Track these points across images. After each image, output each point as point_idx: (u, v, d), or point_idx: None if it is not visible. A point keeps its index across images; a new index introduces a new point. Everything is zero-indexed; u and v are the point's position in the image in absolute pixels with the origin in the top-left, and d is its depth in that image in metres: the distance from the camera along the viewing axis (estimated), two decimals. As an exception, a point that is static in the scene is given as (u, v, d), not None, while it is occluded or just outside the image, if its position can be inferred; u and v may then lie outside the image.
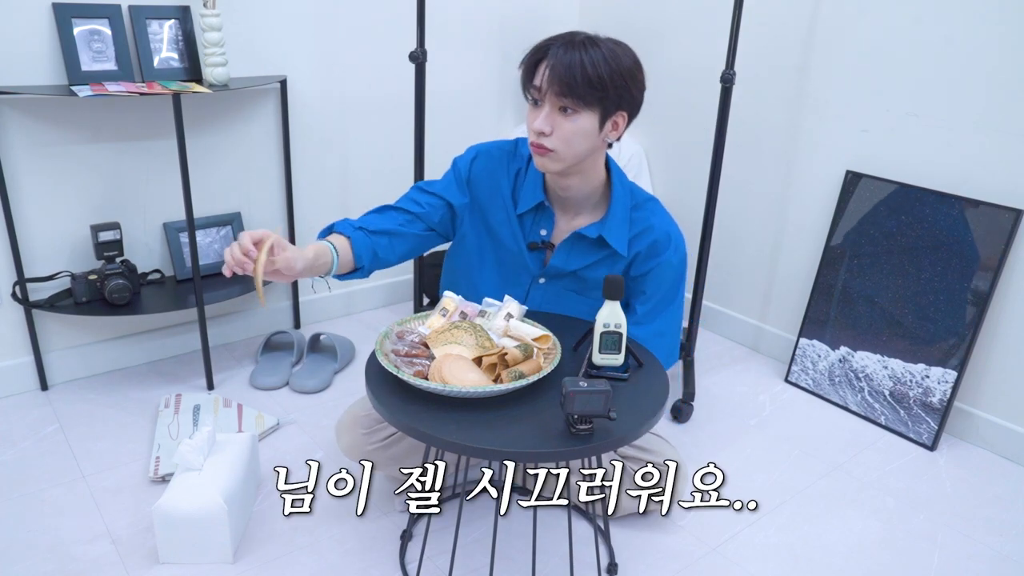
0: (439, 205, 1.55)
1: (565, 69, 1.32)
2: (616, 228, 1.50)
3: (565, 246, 1.52)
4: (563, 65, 1.32)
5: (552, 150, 1.38)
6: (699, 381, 2.25)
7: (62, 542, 1.54)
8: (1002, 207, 1.86)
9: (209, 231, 2.22)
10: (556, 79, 1.33)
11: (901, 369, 2.05)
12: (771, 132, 2.31)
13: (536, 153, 1.41)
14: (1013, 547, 1.64)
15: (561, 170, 1.43)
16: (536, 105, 1.39)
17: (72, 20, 1.86)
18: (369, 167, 2.51)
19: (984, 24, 1.84)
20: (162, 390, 2.10)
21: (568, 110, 1.35)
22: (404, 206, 1.53)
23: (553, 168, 1.42)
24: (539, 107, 1.38)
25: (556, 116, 1.36)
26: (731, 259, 2.51)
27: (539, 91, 1.36)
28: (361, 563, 1.52)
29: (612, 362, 1.31)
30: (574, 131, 1.36)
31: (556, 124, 1.36)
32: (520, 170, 1.55)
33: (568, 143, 1.37)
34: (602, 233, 1.49)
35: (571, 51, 1.33)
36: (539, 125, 1.36)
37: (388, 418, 1.20)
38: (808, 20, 2.16)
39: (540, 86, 1.36)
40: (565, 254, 1.53)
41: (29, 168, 1.93)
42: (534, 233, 1.54)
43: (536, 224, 1.54)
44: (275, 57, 2.22)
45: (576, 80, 1.32)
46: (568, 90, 1.33)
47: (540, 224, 1.54)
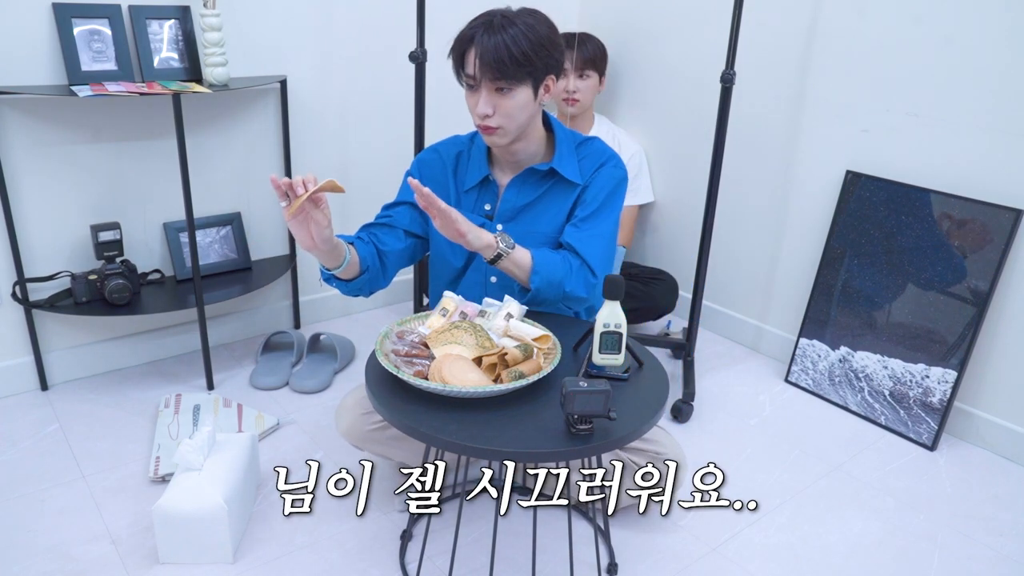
0: (403, 210, 1.61)
1: (493, 54, 1.41)
2: (566, 160, 1.58)
3: (516, 182, 1.58)
4: (490, 51, 1.41)
5: (498, 127, 1.48)
6: (699, 381, 2.25)
7: (62, 542, 1.54)
8: (1002, 207, 1.86)
9: (209, 231, 2.22)
10: (486, 65, 1.42)
11: (901, 369, 2.05)
12: (771, 132, 2.31)
13: (484, 133, 1.51)
14: (1013, 547, 1.64)
15: (510, 141, 1.52)
16: (473, 89, 1.48)
17: (72, 20, 1.86)
18: (369, 167, 2.51)
19: (984, 24, 1.84)
20: (162, 390, 2.10)
21: (504, 89, 1.45)
22: (374, 222, 1.61)
23: (502, 142, 1.52)
24: (476, 91, 1.47)
25: (494, 96, 1.45)
26: (731, 259, 2.51)
27: (473, 78, 1.46)
28: (361, 563, 1.52)
29: (612, 362, 1.31)
30: (514, 106, 1.46)
31: (496, 104, 1.46)
32: (461, 153, 1.64)
33: (511, 117, 1.47)
34: (552, 165, 1.56)
35: (493, 35, 1.42)
36: (482, 109, 1.46)
37: (388, 418, 1.20)
38: (808, 20, 2.16)
39: (474, 74, 1.45)
40: (516, 189, 1.58)
41: (29, 168, 1.93)
42: (479, 208, 1.60)
43: (480, 200, 1.61)
44: (275, 57, 2.22)
45: (505, 62, 1.41)
46: (500, 73, 1.42)
47: (484, 200, 1.61)
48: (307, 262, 2.47)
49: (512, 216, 1.59)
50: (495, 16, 1.46)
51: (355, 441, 1.59)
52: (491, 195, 1.60)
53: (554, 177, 1.57)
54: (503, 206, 1.59)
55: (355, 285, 1.50)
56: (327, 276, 1.48)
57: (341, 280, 1.48)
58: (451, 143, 1.67)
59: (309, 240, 1.32)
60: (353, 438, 1.59)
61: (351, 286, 1.50)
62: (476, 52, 1.43)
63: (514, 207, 1.58)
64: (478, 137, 1.61)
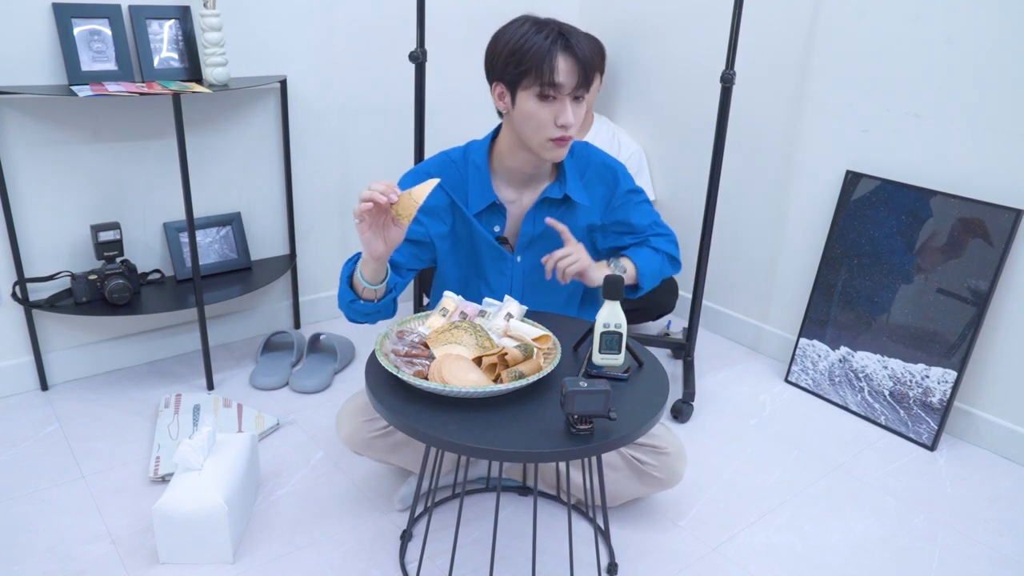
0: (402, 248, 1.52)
1: (587, 60, 1.38)
2: (572, 181, 1.56)
3: (531, 214, 1.56)
4: (585, 57, 1.38)
5: (573, 137, 1.45)
6: (699, 381, 2.25)
7: (62, 542, 1.54)
8: (1002, 207, 1.86)
9: (209, 231, 2.22)
10: (579, 73, 1.39)
11: (901, 369, 2.05)
12: (771, 132, 2.31)
13: (559, 145, 1.45)
14: (1013, 547, 1.64)
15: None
16: (550, 100, 1.41)
17: (72, 20, 1.86)
18: (369, 167, 2.51)
19: (984, 24, 1.84)
20: (162, 390, 2.10)
21: (580, 97, 1.43)
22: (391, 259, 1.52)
23: (565, 153, 1.49)
24: (555, 101, 1.41)
25: (574, 105, 1.43)
26: (731, 259, 2.51)
27: (561, 87, 1.39)
28: (361, 563, 1.52)
29: (612, 362, 1.31)
30: (583, 114, 1.44)
31: (575, 113, 1.43)
32: (460, 177, 1.56)
33: (580, 126, 1.45)
34: (566, 191, 1.54)
35: (576, 41, 1.38)
36: (571, 119, 1.41)
37: (388, 418, 1.20)
38: (808, 20, 2.16)
39: (564, 83, 1.39)
40: (532, 220, 1.56)
41: (29, 168, 1.93)
42: (488, 230, 1.58)
43: (490, 222, 1.57)
44: (275, 57, 2.22)
45: (594, 68, 1.40)
46: (587, 80, 1.40)
47: (493, 221, 1.57)
48: (307, 262, 2.47)
49: (529, 245, 1.58)
50: (553, 23, 1.42)
51: (355, 447, 1.59)
52: (499, 215, 1.56)
53: (567, 202, 1.56)
54: (521, 239, 1.58)
55: (382, 304, 1.44)
56: (351, 299, 1.44)
57: (367, 302, 1.43)
58: (444, 164, 1.57)
59: (383, 247, 1.31)
60: (353, 444, 1.59)
61: (377, 305, 1.44)
62: (572, 59, 1.38)
63: (531, 238, 1.58)
64: (471, 154, 1.56)
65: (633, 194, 1.64)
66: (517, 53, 1.39)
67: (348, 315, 1.47)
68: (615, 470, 1.59)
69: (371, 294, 1.42)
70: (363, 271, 1.39)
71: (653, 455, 1.57)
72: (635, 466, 1.57)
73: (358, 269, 1.41)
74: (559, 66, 1.38)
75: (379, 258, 1.33)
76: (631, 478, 1.59)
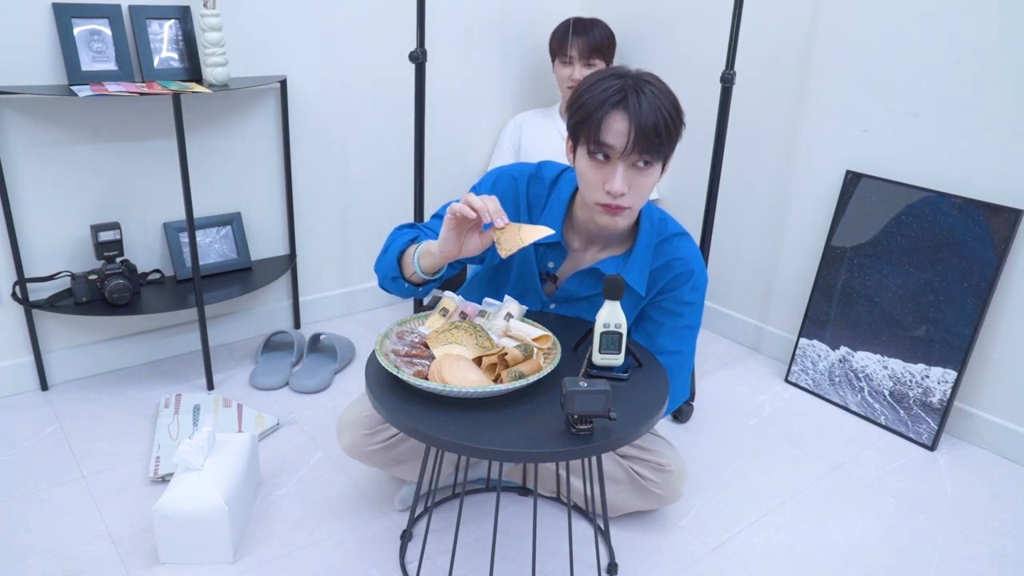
0: None
1: (651, 122, 1.22)
2: (636, 266, 1.43)
3: (579, 276, 1.48)
4: (648, 119, 1.22)
5: (628, 207, 1.30)
6: (699, 381, 2.25)
7: (62, 542, 1.54)
8: (1002, 207, 1.86)
9: (209, 231, 2.22)
10: (642, 138, 1.23)
11: (901, 369, 2.05)
12: (771, 132, 2.31)
13: (609, 213, 1.31)
14: (1013, 547, 1.64)
15: (629, 223, 1.35)
16: (602, 161, 1.28)
17: (72, 20, 1.86)
18: (369, 167, 2.51)
19: (984, 23, 1.84)
20: (162, 390, 2.10)
21: (644, 164, 1.28)
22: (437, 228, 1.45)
23: (624, 224, 1.35)
24: (608, 162, 1.28)
25: (631, 172, 1.28)
26: (731, 259, 2.51)
27: (612, 149, 1.26)
28: (361, 563, 1.52)
29: (612, 362, 1.31)
30: (648, 184, 1.29)
31: (632, 181, 1.28)
32: (540, 198, 1.46)
33: (642, 197, 1.30)
34: (622, 272, 1.41)
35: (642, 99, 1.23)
36: (619, 186, 1.26)
37: (388, 418, 1.20)
38: (808, 20, 2.16)
39: (612, 144, 1.25)
40: (578, 282, 1.49)
41: (29, 168, 1.93)
42: (542, 264, 1.51)
43: (546, 256, 1.49)
44: (275, 57, 2.22)
45: (660, 133, 1.24)
46: (650, 146, 1.24)
47: (550, 256, 1.48)
48: (307, 262, 2.47)
49: (566, 299, 1.52)
50: (632, 76, 1.27)
51: (355, 457, 1.58)
52: (558, 255, 1.46)
53: None
54: (561, 293, 1.50)
55: (423, 289, 1.41)
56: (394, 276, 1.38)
57: (409, 284, 1.39)
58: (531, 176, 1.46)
59: (457, 252, 1.25)
60: (354, 455, 1.58)
61: (417, 289, 1.40)
62: (629, 120, 1.23)
63: (571, 296, 1.51)
64: (563, 185, 1.43)
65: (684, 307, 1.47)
66: (577, 102, 1.29)
67: (383, 284, 1.42)
68: (617, 483, 1.58)
69: (418, 279, 1.37)
70: (422, 260, 1.32)
71: (656, 472, 1.57)
72: (637, 481, 1.57)
73: (416, 253, 1.32)
74: (610, 125, 1.25)
75: (448, 258, 1.27)
76: (632, 492, 1.59)
